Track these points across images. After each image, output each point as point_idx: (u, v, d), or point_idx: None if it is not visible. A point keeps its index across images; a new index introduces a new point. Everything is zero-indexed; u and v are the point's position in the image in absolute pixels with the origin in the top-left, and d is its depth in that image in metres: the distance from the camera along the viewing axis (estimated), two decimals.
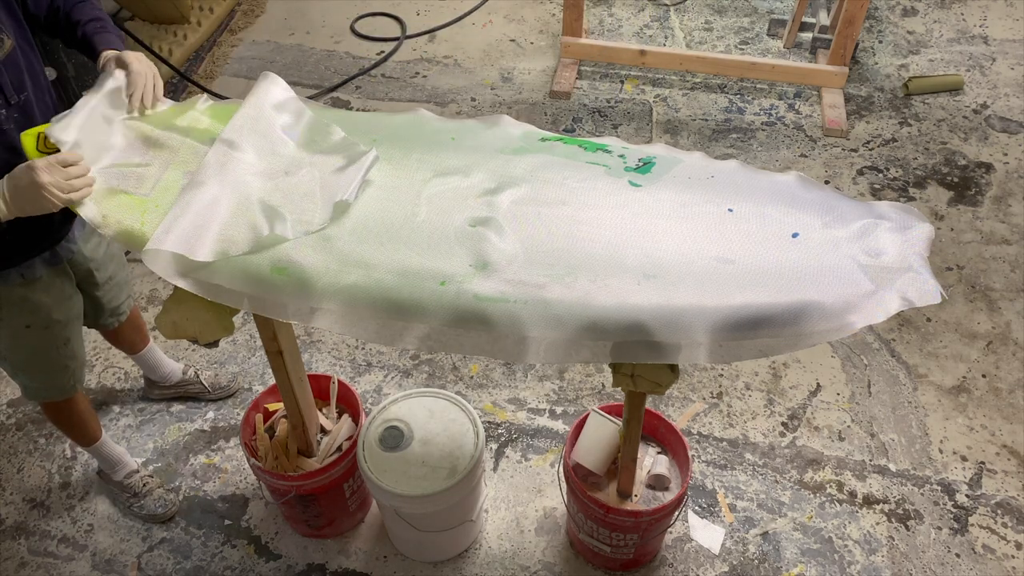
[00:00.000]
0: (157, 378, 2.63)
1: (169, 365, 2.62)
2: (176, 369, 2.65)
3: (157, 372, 2.61)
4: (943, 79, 3.81)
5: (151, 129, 1.71)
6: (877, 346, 2.83)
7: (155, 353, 2.57)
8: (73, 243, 1.93)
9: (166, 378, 2.63)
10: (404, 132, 1.79)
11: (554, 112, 3.74)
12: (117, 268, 2.14)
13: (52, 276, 1.89)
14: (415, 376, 2.77)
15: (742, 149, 3.55)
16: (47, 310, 1.90)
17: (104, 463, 2.40)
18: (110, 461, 2.38)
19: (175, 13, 4.02)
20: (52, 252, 1.87)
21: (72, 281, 1.97)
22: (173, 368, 2.64)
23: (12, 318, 1.87)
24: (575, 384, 2.75)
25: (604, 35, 4.16)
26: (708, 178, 1.65)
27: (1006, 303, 2.96)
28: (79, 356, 2.06)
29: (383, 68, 4.01)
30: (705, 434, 2.60)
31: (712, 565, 2.31)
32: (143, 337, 2.49)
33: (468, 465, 2.05)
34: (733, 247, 1.50)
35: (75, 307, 2.00)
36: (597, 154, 1.71)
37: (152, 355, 2.56)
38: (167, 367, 2.62)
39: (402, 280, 1.46)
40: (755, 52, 4.03)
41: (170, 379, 2.64)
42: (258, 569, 2.32)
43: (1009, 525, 2.38)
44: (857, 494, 2.45)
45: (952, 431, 2.60)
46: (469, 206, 1.59)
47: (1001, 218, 3.26)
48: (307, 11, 4.37)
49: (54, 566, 2.34)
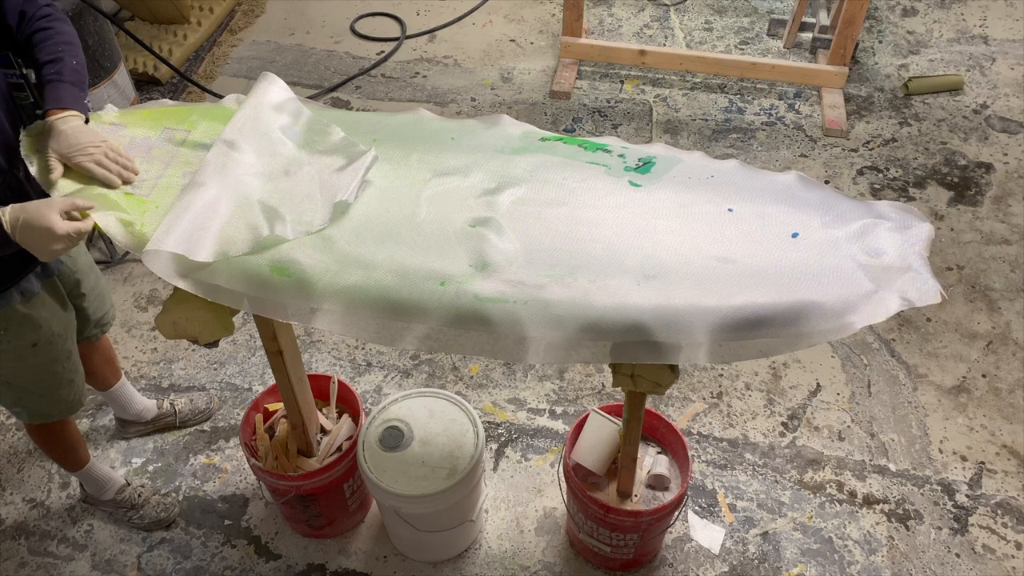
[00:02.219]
0: (131, 416, 2.52)
1: (142, 401, 2.52)
2: (150, 406, 2.54)
3: (130, 410, 2.50)
4: (943, 79, 3.81)
5: (151, 130, 1.71)
6: (877, 346, 2.83)
7: (127, 389, 2.45)
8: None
9: (140, 415, 2.52)
10: (404, 132, 1.79)
11: (554, 112, 3.74)
12: (97, 278, 2.09)
13: (46, 290, 1.85)
14: (415, 376, 2.77)
15: (742, 149, 3.55)
16: (48, 324, 1.85)
17: (93, 486, 2.34)
18: (99, 482, 2.33)
19: (175, 13, 4.02)
20: (43, 266, 1.82)
21: (63, 294, 1.93)
22: (147, 405, 2.53)
23: (18, 339, 1.81)
24: (575, 384, 2.75)
25: (604, 35, 4.16)
26: (708, 178, 1.65)
27: (1006, 303, 2.96)
28: (80, 369, 2.02)
29: (383, 68, 4.01)
30: (705, 434, 2.60)
31: (712, 565, 2.31)
32: (115, 371, 2.37)
33: (468, 465, 2.05)
34: (733, 247, 1.50)
35: (71, 319, 1.96)
36: (597, 154, 1.71)
37: (124, 391, 2.44)
38: (140, 403, 2.51)
39: (402, 280, 1.46)
40: (755, 52, 4.03)
41: (144, 416, 2.53)
42: (258, 569, 2.32)
43: (1009, 525, 2.38)
44: (857, 494, 2.45)
45: (952, 431, 2.60)
46: (469, 206, 1.59)
47: (1001, 218, 3.26)
48: (307, 11, 4.37)
49: (54, 566, 2.34)
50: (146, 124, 1.75)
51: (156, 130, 1.74)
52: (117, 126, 1.73)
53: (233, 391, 2.73)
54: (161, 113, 1.79)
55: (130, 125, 1.74)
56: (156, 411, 2.56)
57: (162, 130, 1.74)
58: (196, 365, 2.80)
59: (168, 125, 1.75)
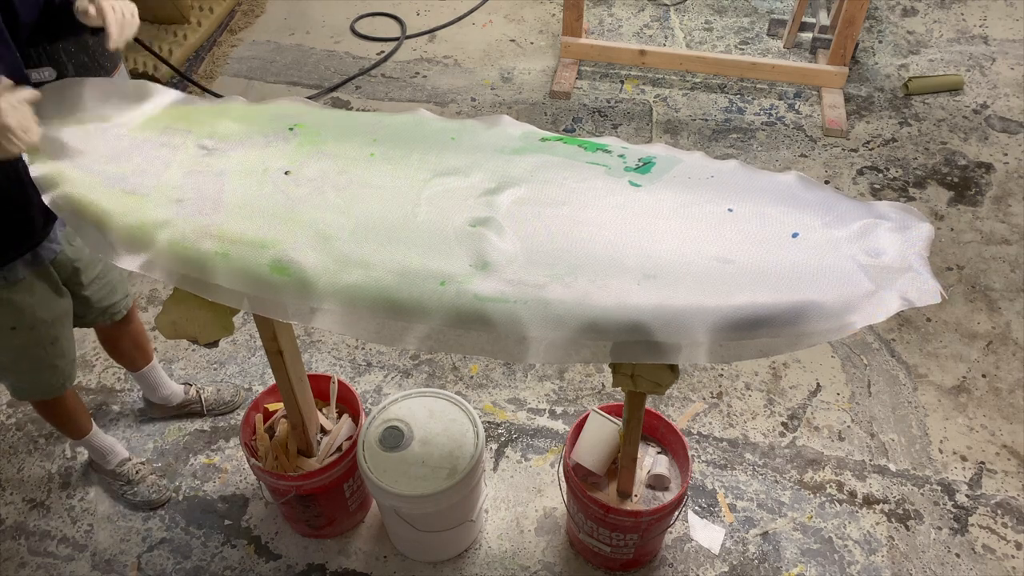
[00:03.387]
0: (157, 399, 2.56)
1: (171, 387, 2.56)
2: (178, 391, 2.58)
3: (157, 393, 2.54)
4: (943, 79, 3.81)
5: (152, 130, 1.71)
6: (877, 346, 2.83)
7: (157, 373, 2.50)
8: (56, 243, 1.91)
9: (167, 399, 2.57)
10: (404, 132, 1.78)
11: (554, 112, 3.74)
12: (106, 268, 2.11)
13: (34, 277, 1.87)
14: (415, 376, 2.77)
15: (742, 149, 3.55)
16: (31, 310, 1.89)
17: (95, 454, 2.40)
18: (101, 451, 2.39)
19: (175, 13, 4.02)
20: (34, 254, 1.85)
21: (57, 281, 1.95)
22: (174, 390, 2.57)
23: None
24: (575, 384, 2.75)
25: (604, 35, 4.16)
26: (708, 178, 1.65)
27: (1006, 303, 2.96)
28: (68, 355, 2.05)
29: (383, 68, 4.01)
30: (705, 434, 2.60)
31: (712, 565, 2.31)
32: (145, 355, 2.42)
33: (468, 465, 2.05)
34: (733, 247, 1.50)
35: (61, 306, 1.98)
36: (597, 154, 1.71)
37: (153, 375, 2.49)
38: (168, 388, 2.55)
39: (402, 280, 1.46)
40: (755, 52, 4.03)
41: (171, 401, 2.58)
42: (258, 569, 2.32)
43: (1009, 525, 2.38)
44: (857, 494, 2.45)
45: (952, 431, 2.60)
46: (469, 206, 1.59)
47: (1001, 218, 3.26)
48: (307, 11, 4.37)
49: (54, 566, 2.34)
50: (148, 125, 1.75)
51: (157, 131, 1.74)
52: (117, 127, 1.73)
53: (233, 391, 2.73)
54: (162, 114, 1.79)
55: (131, 126, 1.74)
56: (183, 397, 2.61)
57: (163, 130, 1.74)
58: (196, 365, 2.80)
59: (170, 125, 1.75)
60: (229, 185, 1.62)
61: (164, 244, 1.51)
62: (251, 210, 1.57)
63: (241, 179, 1.64)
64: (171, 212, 1.56)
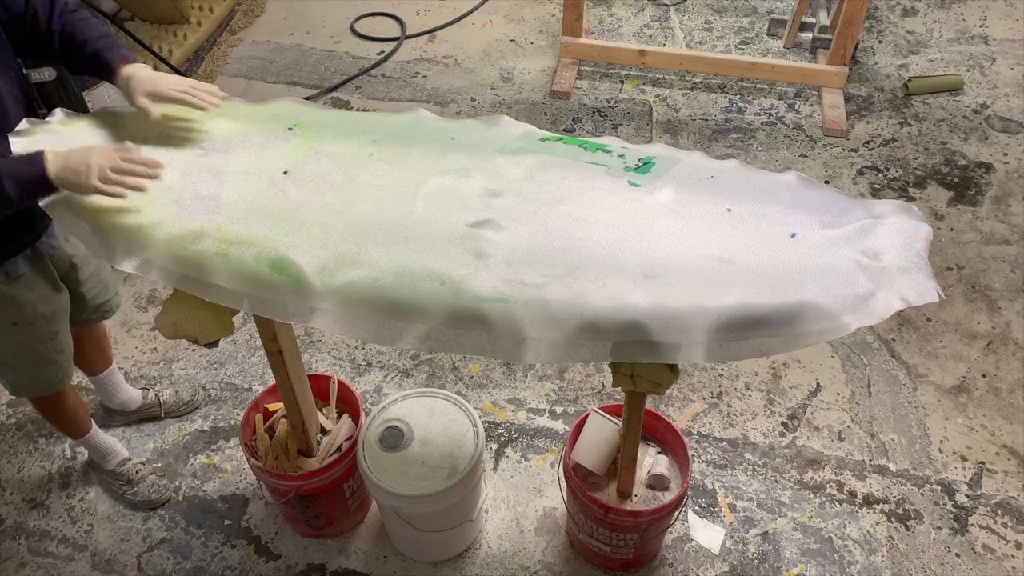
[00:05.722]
0: (115, 405, 2.54)
1: (128, 392, 2.54)
2: (135, 396, 2.56)
3: (115, 398, 2.52)
4: (943, 79, 3.81)
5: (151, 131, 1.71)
6: (877, 346, 2.83)
7: (115, 378, 2.48)
8: (54, 239, 1.92)
9: (124, 404, 2.55)
10: (404, 132, 1.79)
11: (554, 112, 3.74)
12: (100, 265, 2.12)
13: (34, 272, 1.88)
14: (415, 376, 2.77)
15: (742, 149, 3.55)
16: (32, 306, 1.90)
17: (95, 453, 2.40)
18: (101, 451, 2.39)
19: (175, 13, 4.02)
20: (33, 249, 1.86)
21: (55, 277, 1.96)
22: (132, 395, 2.55)
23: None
24: (575, 384, 2.75)
25: (604, 35, 4.16)
26: (707, 178, 1.65)
27: (1006, 303, 2.96)
28: (66, 350, 2.06)
29: (383, 68, 4.01)
30: (705, 434, 2.60)
31: (712, 565, 2.31)
32: (105, 359, 2.41)
33: (468, 465, 2.05)
34: (732, 247, 1.50)
35: (60, 302, 1.99)
36: (597, 154, 1.71)
37: (112, 379, 2.48)
38: (126, 394, 2.53)
39: (401, 280, 1.46)
40: (755, 52, 4.03)
41: (129, 406, 2.56)
42: (258, 569, 2.32)
43: (1009, 525, 2.38)
44: (857, 494, 2.45)
45: (952, 431, 2.60)
46: (469, 206, 1.59)
47: (1001, 218, 3.26)
48: (307, 11, 4.37)
49: (54, 566, 2.34)
50: (149, 125, 1.75)
51: (156, 131, 1.74)
52: (117, 127, 1.73)
53: (233, 391, 2.73)
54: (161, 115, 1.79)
55: (131, 126, 1.74)
56: (141, 401, 2.59)
57: (162, 130, 1.74)
58: (196, 365, 2.80)
59: (168, 126, 1.75)
60: (228, 185, 1.62)
61: (163, 244, 1.51)
62: (250, 210, 1.57)
63: (240, 179, 1.64)
64: (170, 212, 1.56)
